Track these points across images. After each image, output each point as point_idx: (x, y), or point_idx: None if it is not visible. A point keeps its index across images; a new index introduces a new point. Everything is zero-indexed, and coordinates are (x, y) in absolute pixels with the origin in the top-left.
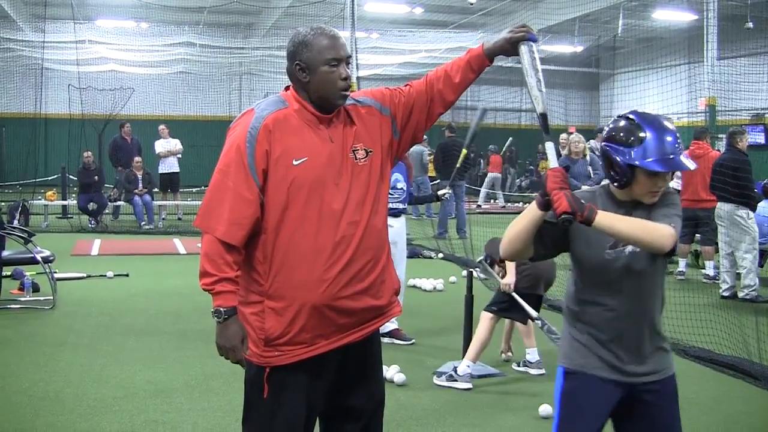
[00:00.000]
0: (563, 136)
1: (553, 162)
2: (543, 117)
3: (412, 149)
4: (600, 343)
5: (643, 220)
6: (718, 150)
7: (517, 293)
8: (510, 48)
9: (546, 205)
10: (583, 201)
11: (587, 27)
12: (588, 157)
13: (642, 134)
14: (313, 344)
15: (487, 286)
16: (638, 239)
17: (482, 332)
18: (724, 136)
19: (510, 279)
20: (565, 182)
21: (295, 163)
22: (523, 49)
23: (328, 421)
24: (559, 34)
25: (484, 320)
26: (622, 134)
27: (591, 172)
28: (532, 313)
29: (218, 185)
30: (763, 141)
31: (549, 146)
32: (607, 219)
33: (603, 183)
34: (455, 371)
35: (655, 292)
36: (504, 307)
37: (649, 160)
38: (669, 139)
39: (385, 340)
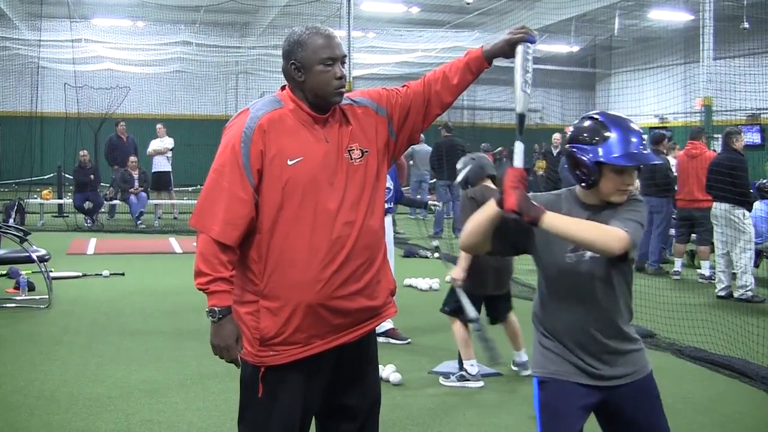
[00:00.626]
0: (556, 135)
1: (518, 162)
2: (520, 117)
3: (419, 149)
4: (568, 349)
5: (594, 223)
6: (714, 150)
7: (465, 292)
8: (509, 49)
9: (501, 202)
10: (534, 202)
11: (584, 27)
12: None
13: (607, 133)
14: (308, 344)
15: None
16: (585, 241)
17: (456, 332)
18: (720, 136)
19: (457, 273)
20: (522, 182)
21: (289, 163)
22: (519, 49)
23: (324, 421)
24: (555, 34)
25: (451, 321)
26: (586, 134)
27: None
28: (470, 314)
29: (213, 185)
30: (759, 141)
31: (518, 146)
32: (554, 220)
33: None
34: (467, 372)
35: (619, 296)
36: (454, 307)
37: (615, 155)
38: (634, 139)
39: (381, 339)
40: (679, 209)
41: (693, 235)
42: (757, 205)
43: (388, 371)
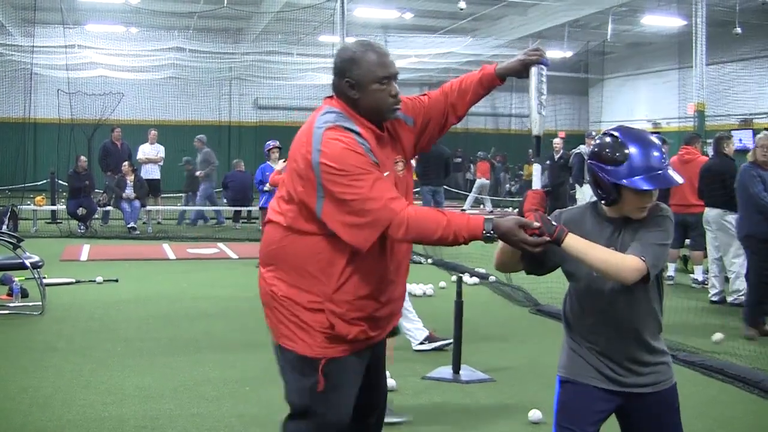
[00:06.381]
0: (557, 140)
1: (536, 184)
2: (537, 139)
3: None
4: (593, 353)
5: (611, 251)
6: (707, 155)
7: None
8: (523, 69)
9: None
10: (554, 223)
11: (576, 32)
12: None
13: (627, 151)
14: (364, 340)
15: None
16: (599, 268)
17: None
18: (712, 140)
19: None
20: (541, 204)
21: (385, 175)
22: (533, 71)
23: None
24: (548, 40)
25: None
26: (607, 151)
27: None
28: None
29: (370, 186)
30: (752, 146)
31: (536, 168)
32: (575, 243)
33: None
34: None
35: (644, 311)
36: None
37: (636, 178)
38: (655, 154)
39: (429, 346)
40: (673, 215)
41: (687, 240)
42: None
43: None
